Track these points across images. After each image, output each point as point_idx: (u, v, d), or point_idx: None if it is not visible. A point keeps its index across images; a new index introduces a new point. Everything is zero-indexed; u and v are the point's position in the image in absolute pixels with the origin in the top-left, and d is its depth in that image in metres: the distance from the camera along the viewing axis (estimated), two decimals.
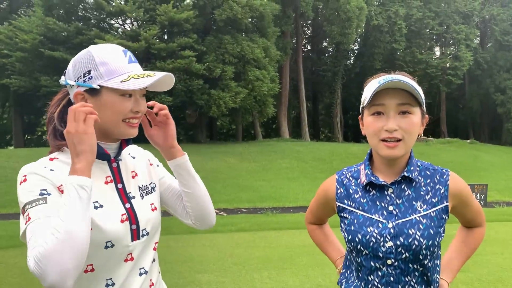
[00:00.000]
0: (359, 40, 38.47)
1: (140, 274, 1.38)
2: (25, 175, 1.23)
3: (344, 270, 1.60)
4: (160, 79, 1.32)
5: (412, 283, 1.41)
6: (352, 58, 40.51)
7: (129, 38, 20.83)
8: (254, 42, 22.80)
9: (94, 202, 1.28)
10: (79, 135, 1.19)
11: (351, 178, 1.55)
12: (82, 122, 1.21)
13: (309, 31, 40.36)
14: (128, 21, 23.80)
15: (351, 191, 1.52)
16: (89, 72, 1.28)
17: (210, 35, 22.65)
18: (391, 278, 1.40)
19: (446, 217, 1.45)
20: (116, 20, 24.24)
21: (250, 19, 23.82)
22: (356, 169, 1.57)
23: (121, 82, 1.26)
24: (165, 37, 22.91)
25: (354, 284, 1.49)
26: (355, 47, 39.62)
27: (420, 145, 23.76)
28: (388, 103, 1.36)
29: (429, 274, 1.42)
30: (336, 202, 1.55)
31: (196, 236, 7.35)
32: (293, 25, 31.29)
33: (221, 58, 21.69)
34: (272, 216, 9.62)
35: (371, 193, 1.47)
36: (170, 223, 8.64)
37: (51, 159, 1.30)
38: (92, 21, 23.20)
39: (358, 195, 1.49)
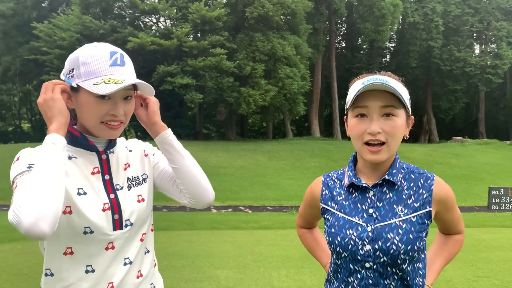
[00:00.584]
0: (395, 37, 37.71)
1: (125, 264, 1.39)
2: (18, 157, 1.30)
3: (328, 272, 1.58)
4: (140, 86, 1.35)
5: (391, 286, 1.38)
6: (388, 55, 39.78)
7: (162, 36, 21.19)
8: (285, 40, 22.71)
9: (78, 189, 1.32)
10: (47, 102, 1.27)
11: (336, 180, 1.53)
12: (50, 91, 1.29)
13: (344, 28, 39.86)
14: (161, 19, 24.21)
15: (334, 193, 1.50)
16: (72, 70, 1.32)
17: (241, 33, 22.74)
18: (370, 281, 1.38)
19: (429, 222, 1.41)
20: (149, 18, 24.71)
21: (282, 17, 23.74)
22: (342, 171, 1.56)
23: (93, 84, 1.27)
24: (199, 35, 23.16)
25: (336, 286, 1.48)
26: (391, 45, 38.90)
27: (455, 145, 23.04)
28: (371, 105, 1.34)
29: (408, 278, 1.39)
30: (321, 204, 1.54)
31: (218, 232, 7.40)
32: (327, 22, 30.96)
33: (251, 55, 21.73)
34: (296, 215, 9.56)
35: (353, 195, 1.45)
36: (194, 218, 8.76)
37: None
38: (127, 19, 23.73)
39: (341, 197, 1.47)
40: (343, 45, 40.45)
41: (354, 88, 1.37)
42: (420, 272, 1.44)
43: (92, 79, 1.29)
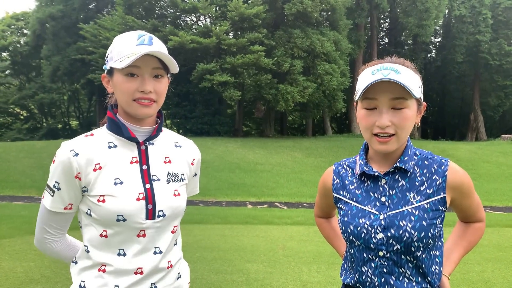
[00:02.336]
0: (440, 31, 36.40)
1: (155, 253, 1.44)
2: (56, 157, 1.40)
3: (344, 262, 1.58)
4: (167, 62, 1.40)
5: (406, 274, 1.36)
6: (433, 51, 38.48)
7: (201, 34, 21.46)
8: (325, 36, 22.40)
9: (115, 179, 1.39)
10: None
11: (348, 169, 1.53)
12: None
13: (387, 24, 38.91)
14: (201, 18, 24.53)
15: (346, 182, 1.50)
16: (107, 56, 1.44)
17: (280, 30, 22.63)
18: (384, 269, 1.36)
19: (443, 209, 1.37)
20: (190, 17, 25.10)
21: (322, 12, 23.43)
22: (353, 159, 1.54)
23: (120, 62, 1.36)
24: (238, 32, 23.28)
25: (351, 276, 1.47)
26: (436, 40, 37.59)
27: (504, 143, 21.98)
28: (381, 98, 1.32)
29: (423, 266, 1.36)
30: (333, 193, 1.53)
31: (251, 227, 7.44)
32: (369, 17, 30.29)
33: (290, 52, 21.59)
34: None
35: (366, 184, 1.44)
36: (228, 213, 8.85)
37: (86, 136, 1.45)
38: (168, 18, 24.20)
39: (353, 186, 1.47)
40: (386, 40, 39.47)
41: (363, 78, 1.34)
42: (437, 260, 1.41)
43: (120, 58, 1.37)
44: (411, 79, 1.30)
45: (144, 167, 1.44)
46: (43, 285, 4.43)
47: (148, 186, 1.42)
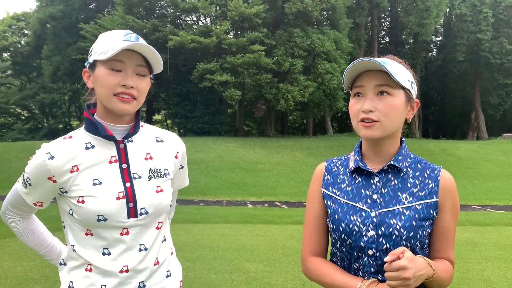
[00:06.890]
0: (441, 30, 36.34)
1: (140, 250, 1.44)
2: (35, 154, 1.42)
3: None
4: (150, 54, 1.40)
5: None
6: (434, 50, 38.43)
7: (201, 34, 21.46)
8: (325, 35, 22.40)
9: (94, 180, 1.39)
10: None
11: (340, 167, 1.53)
12: None
13: (387, 23, 38.88)
14: (201, 18, 24.53)
15: (338, 180, 1.49)
16: (91, 50, 1.43)
17: (280, 29, 22.63)
18: (372, 269, 1.37)
19: (434, 214, 1.38)
20: (190, 17, 25.10)
21: (322, 12, 23.42)
22: (346, 157, 1.55)
23: (104, 54, 1.36)
24: (239, 32, 23.28)
25: None
26: (437, 39, 37.54)
27: (505, 142, 21.94)
28: (366, 84, 1.36)
29: None
30: (322, 189, 1.51)
31: (251, 226, 7.44)
32: (369, 16, 30.25)
33: (290, 51, 21.59)
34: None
35: (357, 181, 1.45)
36: (228, 212, 8.85)
37: (64, 138, 1.46)
38: (168, 18, 24.20)
39: (344, 184, 1.47)
40: (387, 39, 39.42)
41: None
42: None
43: (105, 51, 1.37)
44: (397, 70, 1.34)
45: (124, 165, 1.43)
46: (43, 285, 4.43)
47: (128, 184, 1.41)
